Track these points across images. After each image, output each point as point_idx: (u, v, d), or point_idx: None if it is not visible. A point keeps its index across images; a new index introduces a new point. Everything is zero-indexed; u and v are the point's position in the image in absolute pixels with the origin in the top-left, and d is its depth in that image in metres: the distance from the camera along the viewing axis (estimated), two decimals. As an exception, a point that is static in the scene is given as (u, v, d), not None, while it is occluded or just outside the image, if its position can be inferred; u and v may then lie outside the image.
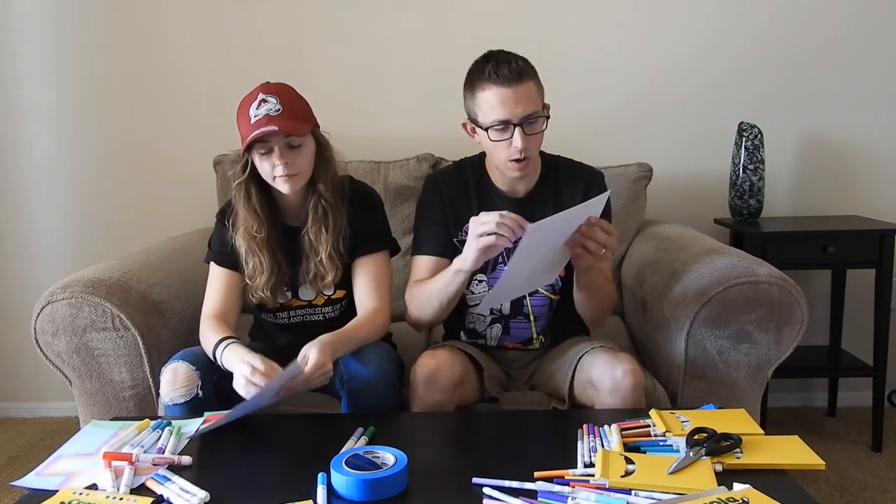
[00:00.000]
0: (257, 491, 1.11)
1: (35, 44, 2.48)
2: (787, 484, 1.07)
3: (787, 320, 1.62)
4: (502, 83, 1.42)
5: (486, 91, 1.44)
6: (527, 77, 1.44)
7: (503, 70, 1.42)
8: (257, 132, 1.41)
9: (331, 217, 1.54)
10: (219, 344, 1.42)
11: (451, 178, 1.63)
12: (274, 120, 1.43)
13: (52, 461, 1.21)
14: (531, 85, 1.45)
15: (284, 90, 1.49)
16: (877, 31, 2.43)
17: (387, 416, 1.39)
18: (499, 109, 1.43)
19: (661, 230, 2.19)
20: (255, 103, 1.45)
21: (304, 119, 1.49)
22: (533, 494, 1.05)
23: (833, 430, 2.44)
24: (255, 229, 1.52)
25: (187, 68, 2.49)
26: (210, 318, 1.52)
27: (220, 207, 1.64)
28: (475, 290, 1.62)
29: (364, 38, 2.47)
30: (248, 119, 1.45)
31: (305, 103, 1.52)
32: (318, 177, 1.53)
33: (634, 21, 2.44)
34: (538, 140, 1.50)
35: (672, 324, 1.67)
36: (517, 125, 1.43)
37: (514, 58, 1.45)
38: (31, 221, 2.58)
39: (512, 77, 1.42)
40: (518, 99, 1.42)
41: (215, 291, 1.56)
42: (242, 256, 1.54)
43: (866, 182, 2.51)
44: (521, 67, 1.43)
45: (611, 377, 1.42)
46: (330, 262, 1.54)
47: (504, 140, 1.45)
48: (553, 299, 1.62)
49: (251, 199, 1.52)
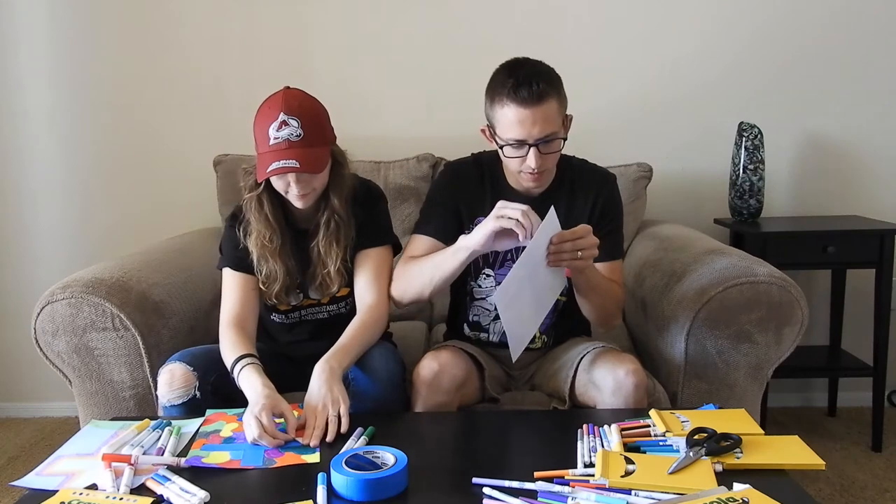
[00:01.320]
0: (257, 491, 1.11)
1: (35, 44, 2.48)
2: (787, 484, 1.07)
3: (787, 320, 1.62)
4: (521, 104, 1.40)
5: (505, 108, 1.42)
6: (548, 97, 1.41)
7: (523, 92, 1.39)
8: (277, 166, 1.39)
9: (342, 231, 1.54)
10: (237, 362, 1.40)
11: (470, 170, 1.62)
12: (294, 148, 1.40)
13: (52, 461, 1.21)
14: (552, 104, 1.42)
15: (306, 110, 1.44)
16: (877, 32, 2.43)
17: (387, 416, 1.39)
18: (516, 129, 1.42)
19: (660, 230, 2.19)
20: (275, 124, 1.41)
21: (323, 141, 1.47)
22: (533, 494, 1.05)
23: (833, 430, 2.44)
24: (267, 238, 1.52)
25: (187, 68, 2.49)
26: (230, 326, 1.49)
27: (230, 212, 1.62)
28: (482, 284, 1.62)
29: (364, 38, 2.47)
30: (266, 138, 1.42)
31: (325, 120, 1.50)
32: (332, 190, 1.52)
33: (634, 21, 2.44)
34: (554, 157, 1.49)
35: (672, 324, 1.67)
36: (533, 145, 1.42)
37: (536, 76, 1.41)
38: (32, 221, 2.58)
39: (532, 99, 1.39)
40: (536, 120, 1.40)
41: (232, 297, 1.54)
42: (255, 262, 1.54)
43: (866, 182, 2.51)
44: (542, 89, 1.40)
45: (613, 377, 1.42)
46: (338, 276, 1.55)
47: (519, 157, 1.45)
48: (559, 300, 1.62)
49: (263, 209, 1.52)
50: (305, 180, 1.45)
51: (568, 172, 1.60)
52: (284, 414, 1.29)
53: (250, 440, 1.24)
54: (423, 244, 1.58)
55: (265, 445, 1.23)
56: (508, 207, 1.33)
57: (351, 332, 1.48)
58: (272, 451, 1.22)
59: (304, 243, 1.57)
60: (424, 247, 1.57)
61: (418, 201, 2.26)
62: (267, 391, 1.32)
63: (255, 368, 1.38)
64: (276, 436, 1.24)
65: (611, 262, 1.58)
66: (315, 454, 1.21)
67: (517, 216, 1.31)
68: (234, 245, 1.56)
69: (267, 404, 1.27)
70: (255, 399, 1.30)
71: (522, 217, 1.30)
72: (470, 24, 2.45)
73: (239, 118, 2.46)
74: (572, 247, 1.34)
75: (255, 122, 1.46)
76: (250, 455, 1.20)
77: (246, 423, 1.26)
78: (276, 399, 1.30)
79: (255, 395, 1.31)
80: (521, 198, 1.56)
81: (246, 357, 1.41)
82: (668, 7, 2.44)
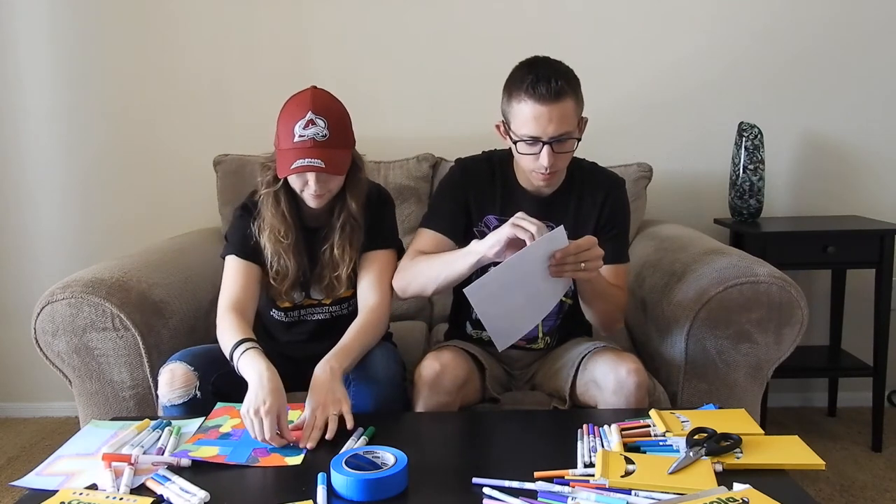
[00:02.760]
0: (257, 491, 1.11)
1: (35, 44, 2.47)
2: (787, 484, 1.07)
3: (787, 320, 1.62)
4: (538, 100, 1.39)
5: (522, 104, 1.42)
6: (565, 96, 1.41)
7: (541, 88, 1.39)
8: (301, 164, 1.40)
9: (356, 234, 1.55)
10: (237, 346, 1.38)
11: (481, 167, 1.61)
12: (319, 147, 1.41)
13: (52, 461, 1.21)
14: (569, 103, 1.42)
15: (333, 111, 1.46)
16: (877, 32, 2.43)
17: (387, 417, 1.40)
18: (531, 125, 1.41)
19: (660, 230, 2.19)
20: (302, 122, 1.42)
21: (346, 144, 1.49)
22: (533, 494, 1.05)
23: (833, 430, 2.44)
24: (281, 234, 1.52)
25: (188, 68, 2.49)
26: (229, 311, 1.47)
27: (241, 202, 1.61)
28: None
29: (364, 38, 2.47)
30: (291, 135, 1.43)
31: (349, 123, 1.51)
32: (349, 194, 1.53)
33: (634, 21, 2.44)
34: (567, 157, 1.49)
35: (672, 324, 1.67)
36: (547, 143, 1.42)
37: (555, 73, 1.41)
38: (32, 221, 2.58)
39: (550, 96, 1.39)
40: (552, 118, 1.40)
41: (234, 282, 1.53)
42: (268, 257, 1.54)
43: (866, 182, 2.51)
44: (560, 87, 1.39)
45: (615, 376, 1.42)
46: (347, 281, 1.56)
47: (532, 154, 1.45)
48: (564, 302, 1.62)
49: (279, 205, 1.52)
50: (324, 181, 1.45)
51: (578, 174, 1.60)
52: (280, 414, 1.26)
53: (260, 439, 1.22)
54: (430, 239, 1.57)
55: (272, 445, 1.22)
56: (526, 220, 1.32)
57: (352, 333, 1.48)
58: (259, 450, 1.22)
59: (312, 242, 1.58)
60: (431, 241, 1.57)
61: (418, 201, 2.26)
62: (272, 384, 1.27)
63: (257, 353, 1.35)
64: (284, 436, 1.24)
65: (615, 266, 1.57)
66: (298, 457, 1.20)
67: (533, 231, 1.30)
68: (243, 233, 1.55)
69: (273, 406, 1.23)
70: (258, 393, 1.25)
71: (538, 232, 1.30)
72: (470, 24, 2.45)
73: (239, 118, 2.48)
74: (575, 259, 1.34)
75: (280, 118, 1.47)
76: (237, 452, 1.21)
77: (249, 422, 1.23)
78: (281, 397, 1.26)
79: (262, 389, 1.26)
80: (531, 199, 1.56)
81: (247, 341, 1.38)
82: (668, 7, 2.44)
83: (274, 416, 1.23)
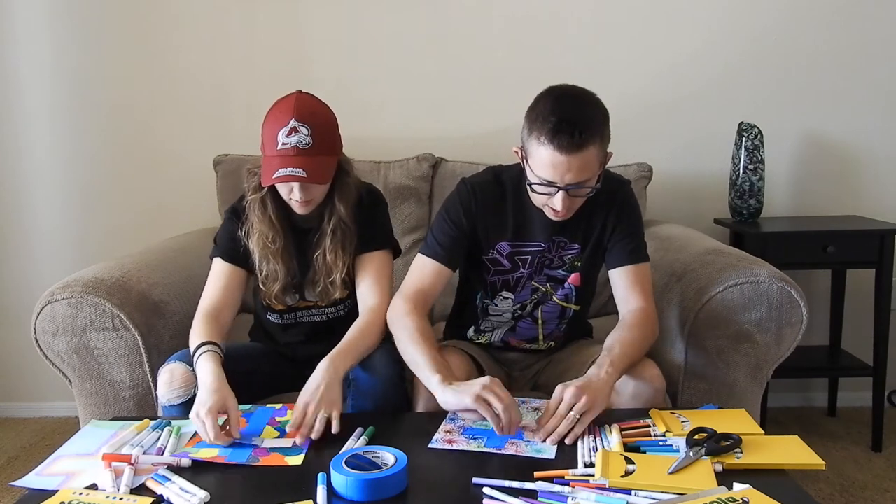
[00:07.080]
0: (257, 491, 1.11)
1: (35, 44, 2.47)
2: (787, 484, 1.08)
3: (787, 320, 1.62)
4: (558, 149, 1.32)
5: (542, 147, 1.34)
6: (588, 145, 1.33)
7: (563, 139, 1.31)
8: (283, 173, 1.39)
9: (348, 238, 1.54)
10: (196, 350, 1.40)
11: (490, 190, 1.53)
12: (302, 156, 1.40)
13: (52, 461, 1.21)
14: (591, 151, 1.34)
15: (318, 118, 1.44)
16: (877, 32, 2.43)
17: (387, 416, 1.39)
18: (549, 171, 1.35)
19: (660, 230, 2.19)
20: (285, 129, 1.40)
21: (331, 151, 1.47)
22: (533, 494, 1.05)
23: (833, 430, 2.44)
24: (270, 239, 1.52)
25: (187, 69, 2.49)
26: (203, 316, 1.49)
27: (230, 205, 1.62)
28: (499, 304, 1.59)
29: (364, 39, 2.47)
30: (274, 142, 1.41)
31: (335, 129, 1.50)
32: (338, 198, 1.52)
33: (634, 21, 2.44)
34: (582, 199, 1.43)
35: (672, 324, 1.67)
36: (562, 188, 1.37)
37: (580, 120, 1.33)
38: (32, 221, 2.58)
39: (572, 147, 1.32)
40: (571, 167, 1.34)
41: (214, 287, 1.54)
42: (256, 262, 1.54)
43: (866, 182, 2.51)
44: (583, 139, 1.32)
45: (633, 381, 1.41)
46: (342, 285, 1.55)
47: (545, 195, 1.40)
48: (566, 308, 1.60)
49: (266, 210, 1.52)
50: (308, 189, 1.45)
51: None
52: (229, 412, 1.27)
53: (205, 440, 1.23)
54: (429, 271, 1.52)
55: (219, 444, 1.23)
56: (494, 394, 1.24)
57: (354, 334, 1.47)
58: (259, 450, 1.22)
59: (304, 244, 1.57)
60: (427, 271, 1.52)
61: (418, 201, 2.26)
62: (214, 385, 1.30)
63: (211, 356, 1.37)
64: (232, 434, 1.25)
65: (634, 267, 1.51)
66: (299, 456, 1.20)
67: (499, 410, 1.23)
68: (230, 237, 1.56)
69: (214, 406, 1.25)
70: (201, 394, 1.29)
71: (504, 412, 1.23)
72: (470, 24, 2.44)
73: (239, 118, 2.48)
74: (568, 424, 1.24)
75: (265, 124, 1.45)
76: (237, 452, 1.21)
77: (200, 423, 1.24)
78: (221, 397, 1.28)
79: (204, 390, 1.30)
80: (543, 219, 1.50)
81: (206, 345, 1.40)
82: (668, 7, 2.44)
83: (214, 416, 1.23)
